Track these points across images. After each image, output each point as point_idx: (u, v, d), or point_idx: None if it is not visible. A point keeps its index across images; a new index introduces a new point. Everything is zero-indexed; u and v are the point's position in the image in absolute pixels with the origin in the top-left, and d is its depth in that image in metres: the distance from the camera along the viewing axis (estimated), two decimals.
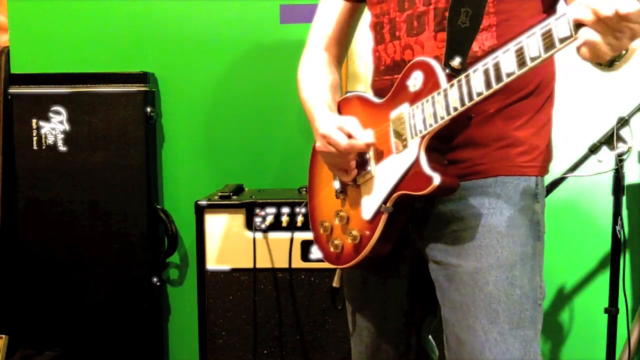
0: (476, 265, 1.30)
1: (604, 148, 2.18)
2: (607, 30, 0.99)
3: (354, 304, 1.56)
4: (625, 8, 0.96)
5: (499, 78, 1.11)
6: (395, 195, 1.30)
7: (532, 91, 1.35)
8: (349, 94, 1.48)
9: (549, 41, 1.04)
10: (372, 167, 1.36)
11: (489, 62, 1.13)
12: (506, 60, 1.10)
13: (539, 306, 1.34)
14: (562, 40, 1.03)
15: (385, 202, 1.32)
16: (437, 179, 1.21)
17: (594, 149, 2.20)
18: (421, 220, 1.38)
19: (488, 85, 1.13)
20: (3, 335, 2.52)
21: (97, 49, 2.68)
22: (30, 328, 2.60)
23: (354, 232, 1.38)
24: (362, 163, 1.38)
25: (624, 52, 1.07)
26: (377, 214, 1.34)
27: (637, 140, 2.22)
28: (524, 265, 1.31)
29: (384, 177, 1.33)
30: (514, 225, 1.31)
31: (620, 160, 2.16)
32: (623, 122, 2.16)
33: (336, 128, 1.34)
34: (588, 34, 1.00)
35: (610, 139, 2.16)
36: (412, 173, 1.26)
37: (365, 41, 1.68)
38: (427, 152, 1.25)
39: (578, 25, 1.01)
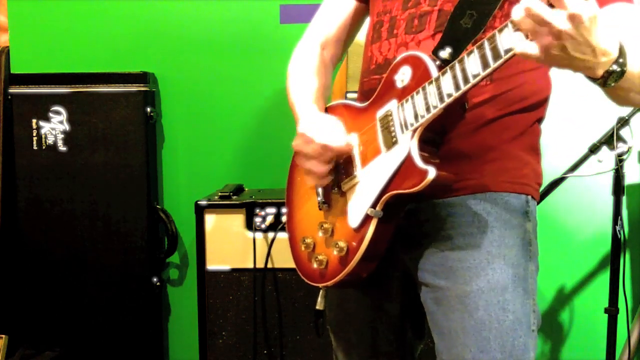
0: (465, 288, 1.22)
1: (604, 148, 2.18)
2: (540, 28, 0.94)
3: (341, 330, 1.47)
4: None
5: (497, 55, 1.01)
6: (385, 197, 1.19)
7: (528, 107, 1.29)
8: (334, 103, 1.40)
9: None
10: (358, 171, 1.27)
11: (485, 41, 1.03)
12: (504, 36, 1.00)
13: (533, 332, 1.26)
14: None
15: (374, 206, 1.21)
16: (432, 172, 1.11)
17: (594, 149, 2.19)
18: (408, 240, 1.31)
19: (485, 64, 1.03)
20: (3, 335, 2.51)
21: (97, 49, 2.68)
22: (30, 328, 2.60)
23: (340, 243, 1.26)
24: (347, 168, 1.29)
25: (616, 68, 1.00)
26: (366, 219, 1.22)
27: (637, 140, 2.21)
28: (516, 289, 1.23)
29: (372, 179, 1.23)
30: (505, 244, 1.24)
31: (620, 160, 2.15)
32: (623, 122, 2.16)
33: (316, 125, 1.27)
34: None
35: (610, 139, 2.16)
36: (404, 169, 1.16)
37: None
38: (420, 145, 1.15)
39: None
